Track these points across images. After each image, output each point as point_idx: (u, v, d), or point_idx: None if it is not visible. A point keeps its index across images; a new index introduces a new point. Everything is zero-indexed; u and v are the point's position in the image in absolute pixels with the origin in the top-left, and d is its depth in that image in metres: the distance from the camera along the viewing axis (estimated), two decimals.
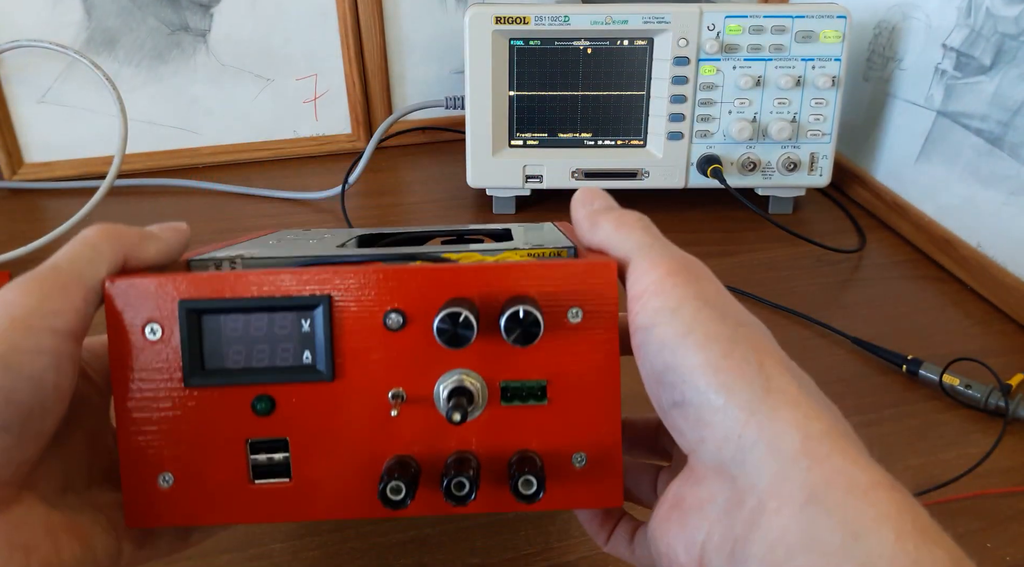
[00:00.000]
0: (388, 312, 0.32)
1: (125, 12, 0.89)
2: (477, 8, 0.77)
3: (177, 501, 0.33)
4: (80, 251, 0.32)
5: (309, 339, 0.32)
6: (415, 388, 0.32)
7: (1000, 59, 0.71)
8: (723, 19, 0.77)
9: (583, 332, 0.32)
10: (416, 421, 0.33)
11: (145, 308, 0.32)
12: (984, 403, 0.59)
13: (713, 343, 0.29)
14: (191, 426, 0.32)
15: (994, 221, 0.73)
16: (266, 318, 0.32)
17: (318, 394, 0.32)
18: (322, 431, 0.33)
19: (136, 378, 0.32)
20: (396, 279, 0.32)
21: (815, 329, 0.69)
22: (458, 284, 0.32)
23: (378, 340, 0.32)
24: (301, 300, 0.32)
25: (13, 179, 0.92)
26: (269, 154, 0.98)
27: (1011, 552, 0.49)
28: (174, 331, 0.32)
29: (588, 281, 0.32)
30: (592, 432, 0.33)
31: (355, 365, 0.32)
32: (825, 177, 0.83)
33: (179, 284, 0.32)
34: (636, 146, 0.82)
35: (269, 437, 0.33)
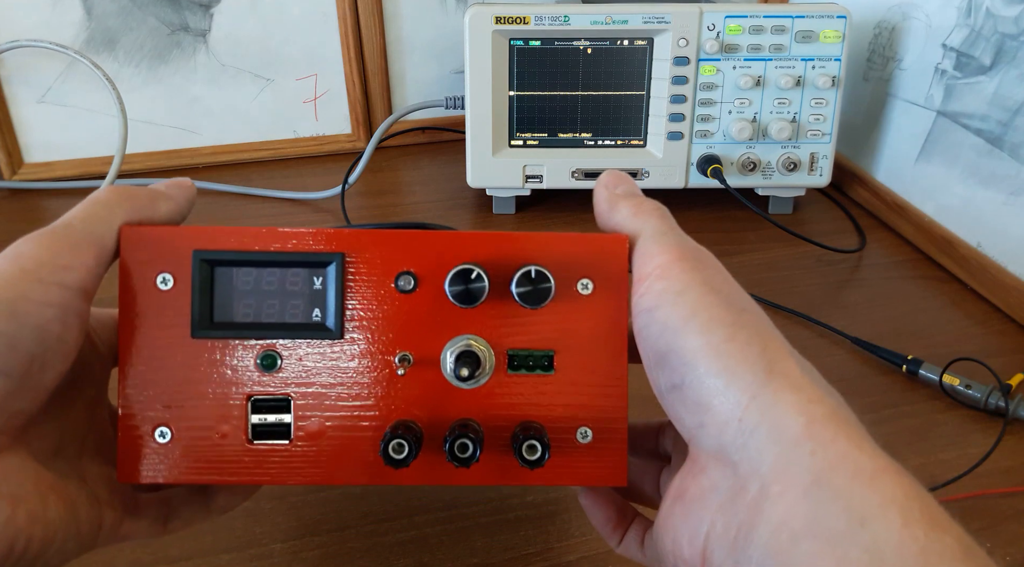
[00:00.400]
0: (400, 274, 0.32)
1: (125, 12, 0.89)
2: (477, 8, 0.77)
3: (171, 458, 0.32)
4: (93, 210, 0.32)
5: (320, 296, 0.32)
6: (422, 352, 0.32)
7: (1000, 59, 0.71)
8: (723, 19, 0.77)
9: (592, 303, 0.32)
10: (422, 386, 0.32)
11: (159, 257, 0.32)
12: (984, 403, 0.59)
13: (716, 327, 0.28)
14: (194, 380, 0.32)
15: (994, 221, 0.73)
16: (278, 273, 0.32)
17: (324, 352, 0.32)
18: (326, 392, 0.32)
19: (143, 327, 0.32)
20: (410, 242, 0.32)
21: (815, 329, 0.69)
22: (471, 249, 0.32)
23: (388, 301, 0.32)
24: (314, 257, 0.32)
25: (13, 179, 0.92)
26: (269, 154, 0.98)
27: (1011, 552, 0.49)
28: (186, 282, 0.32)
29: (599, 253, 0.32)
30: (598, 407, 0.33)
31: (363, 325, 0.32)
32: (825, 177, 0.83)
33: (195, 234, 0.32)
34: (636, 146, 0.82)
35: (272, 395, 0.32)
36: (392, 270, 0.32)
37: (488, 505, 0.52)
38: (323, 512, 0.52)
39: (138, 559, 0.48)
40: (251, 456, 0.33)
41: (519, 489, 0.53)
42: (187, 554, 0.49)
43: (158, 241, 0.32)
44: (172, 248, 0.32)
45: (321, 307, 0.32)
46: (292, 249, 0.32)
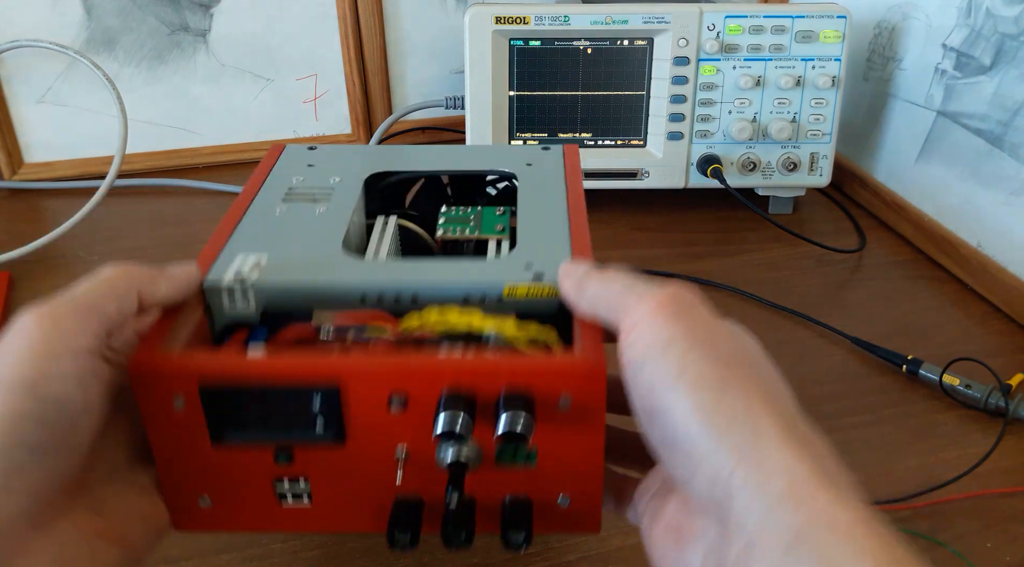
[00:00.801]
0: (392, 396, 0.34)
1: (125, 12, 0.89)
2: (477, 8, 0.77)
3: (216, 515, 0.37)
4: (95, 285, 0.34)
5: (320, 414, 0.34)
6: (417, 449, 0.35)
7: (1000, 59, 0.71)
8: (723, 19, 0.77)
9: (572, 415, 0.34)
10: (420, 470, 0.35)
11: (168, 386, 0.34)
12: (984, 403, 0.59)
13: (704, 388, 0.29)
14: (222, 470, 0.36)
15: (994, 221, 0.73)
16: (280, 398, 0.34)
17: (331, 451, 0.35)
18: (337, 474, 0.36)
19: (167, 436, 0.35)
20: (400, 371, 0.34)
21: (815, 329, 0.69)
22: (458, 379, 0.33)
23: (383, 416, 0.34)
24: (312, 388, 0.34)
25: (13, 179, 0.92)
26: None
27: (1011, 552, 0.49)
28: (196, 405, 0.34)
29: (578, 377, 0.34)
30: (576, 480, 0.36)
31: (362, 433, 0.35)
32: (825, 177, 0.83)
33: (197, 366, 0.33)
34: (636, 146, 0.82)
35: (291, 477, 0.36)
36: (384, 393, 0.34)
37: None
38: None
39: None
40: (280, 513, 0.37)
41: None
42: (187, 554, 0.49)
43: (165, 375, 0.33)
44: (178, 379, 0.34)
45: (323, 421, 0.34)
46: (292, 382, 0.34)
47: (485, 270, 0.39)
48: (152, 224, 0.85)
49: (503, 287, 0.38)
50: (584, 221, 0.43)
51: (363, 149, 0.51)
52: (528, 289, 0.38)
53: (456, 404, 0.33)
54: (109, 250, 0.80)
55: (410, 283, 0.38)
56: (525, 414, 0.33)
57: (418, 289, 0.38)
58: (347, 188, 0.46)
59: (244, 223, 0.43)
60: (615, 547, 0.49)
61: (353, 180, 0.47)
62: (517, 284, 0.38)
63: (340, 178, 0.47)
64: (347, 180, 0.47)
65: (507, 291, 0.38)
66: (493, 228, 0.46)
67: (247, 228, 0.43)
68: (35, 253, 0.76)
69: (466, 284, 0.38)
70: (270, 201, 0.45)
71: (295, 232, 0.42)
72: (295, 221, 0.43)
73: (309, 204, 0.44)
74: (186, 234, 0.83)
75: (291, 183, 0.47)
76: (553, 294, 0.38)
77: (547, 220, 0.43)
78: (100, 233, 0.82)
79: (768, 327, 0.69)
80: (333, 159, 0.49)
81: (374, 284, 0.38)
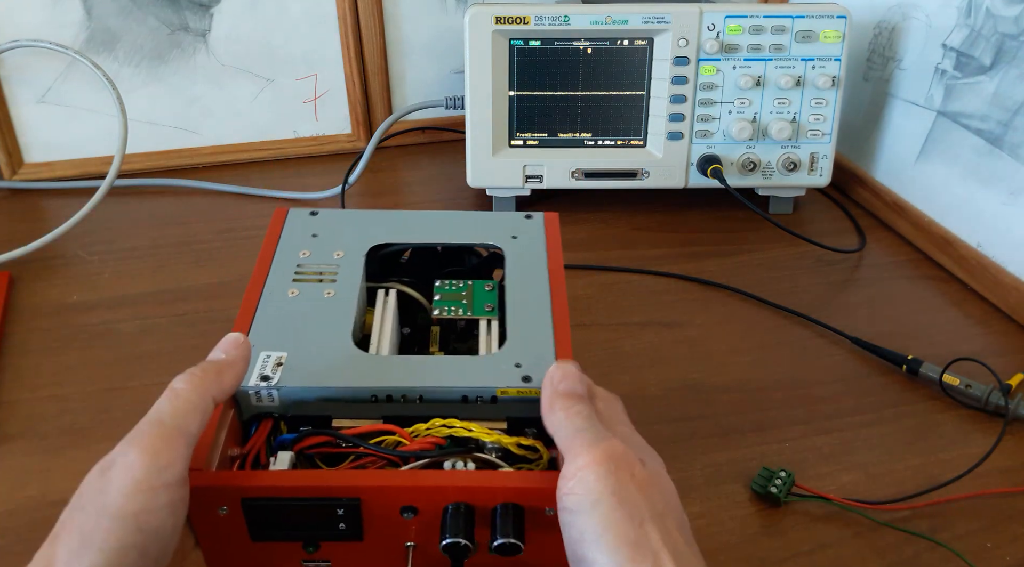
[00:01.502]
0: (403, 509, 0.40)
1: (125, 12, 0.89)
2: (477, 8, 0.77)
3: None
4: (177, 406, 0.38)
5: (342, 519, 0.40)
6: (425, 542, 0.41)
7: (1000, 59, 0.72)
8: (723, 19, 0.77)
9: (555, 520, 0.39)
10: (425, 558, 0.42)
11: (216, 499, 0.40)
12: (984, 403, 0.59)
13: (621, 546, 0.35)
14: (258, 558, 0.42)
15: (994, 221, 0.73)
16: (309, 508, 0.40)
17: (352, 546, 0.42)
18: (356, 560, 0.43)
19: (215, 535, 0.41)
20: (411, 488, 0.40)
21: (815, 329, 0.69)
22: (460, 496, 0.40)
23: (396, 521, 0.41)
24: (337, 501, 0.40)
25: (13, 179, 0.92)
26: (269, 154, 0.98)
27: (1011, 552, 0.49)
28: (238, 513, 0.40)
29: None
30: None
31: (378, 532, 0.41)
32: (825, 177, 0.83)
33: (239, 484, 0.40)
34: (636, 146, 0.82)
35: (316, 560, 0.43)
36: (397, 504, 0.40)
37: None
38: None
39: None
40: None
41: None
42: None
43: (213, 493, 0.39)
44: (225, 493, 0.40)
45: (345, 523, 0.41)
46: (319, 495, 0.40)
47: (480, 371, 0.45)
48: (152, 224, 0.85)
49: (496, 390, 0.44)
50: (564, 302, 0.49)
51: (361, 216, 0.56)
52: (518, 391, 0.44)
53: (458, 520, 0.40)
54: (109, 250, 0.80)
55: (415, 386, 0.44)
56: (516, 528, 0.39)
57: (423, 390, 0.44)
58: (350, 264, 0.51)
59: (262, 307, 0.48)
60: None
61: (355, 254, 0.52)
62: (509, 387, 0.44)
63: (343, 252, 0.52)
64: (349, 254, 0.52)
65: (500, 393, 0.44)
66: (483, 309, 0.51)
67: (266, 314, 0.48)
68: (35, 253, 0.76)
69: (464, 387, 0.44)
70: (283, 279, 0.50)
71: (311, 322, 0.47)
72: (309, 307, 0.48)
73: (317, 284, 0.50)
74: (186, 234, 0.83)
75: (298, 259, 0.52)
76: (539, 395, 0.43)
77: (532, 309, 0.48)
78: (100, 233, 0.82)
79: (768, 327, 0.69)
80: (335, 228, 0.54)
81: (384, 386, 0.44)
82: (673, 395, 0.61)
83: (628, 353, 0.66)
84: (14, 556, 0.49)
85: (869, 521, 0.51)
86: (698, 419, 0.59)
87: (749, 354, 0.66)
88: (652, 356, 0.66)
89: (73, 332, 0.69)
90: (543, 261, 0.52)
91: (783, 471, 0.53)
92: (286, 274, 0.50)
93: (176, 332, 0.68)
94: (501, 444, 0.43)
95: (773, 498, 0.52)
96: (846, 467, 0.55)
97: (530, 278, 0.51)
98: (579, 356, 0.65)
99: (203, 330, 0.68)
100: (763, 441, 0.57)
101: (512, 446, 0.43)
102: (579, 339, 0.67)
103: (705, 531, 0.51)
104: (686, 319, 0.70)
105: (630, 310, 0.71)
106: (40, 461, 0.56)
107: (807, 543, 0.50)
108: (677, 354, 0.66)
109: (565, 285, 0.50)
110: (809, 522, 0.51)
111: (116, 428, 0.58)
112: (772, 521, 0.51)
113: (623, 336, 0.68)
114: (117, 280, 0.75)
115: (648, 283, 0.75)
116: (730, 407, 0.60)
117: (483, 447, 0.43)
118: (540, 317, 0.48)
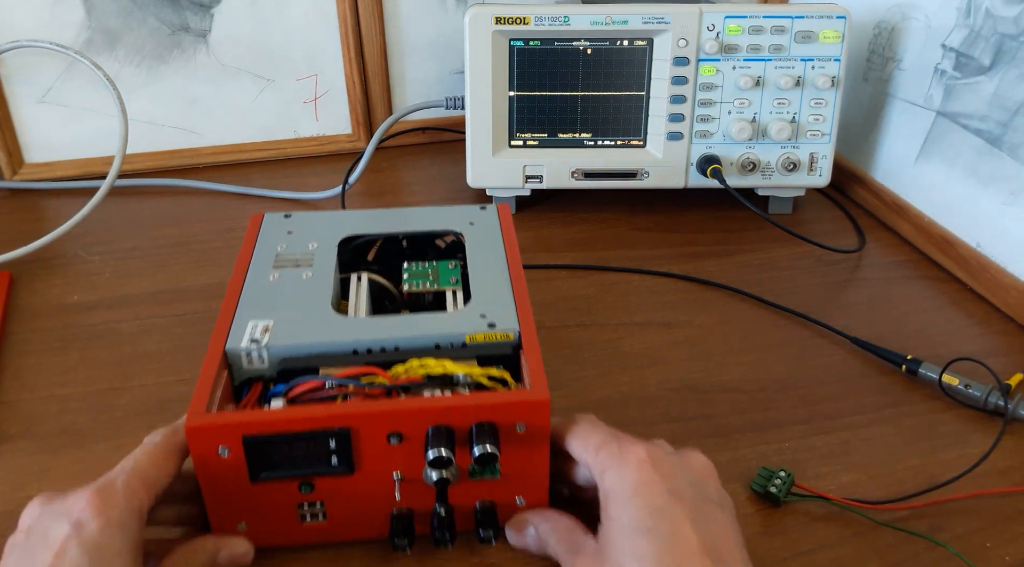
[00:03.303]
0: (390, 435, 0.44)
1: (125, 12, 0.89)
2: (477, 8, 0.77)
3: (251, 535, 0.47)
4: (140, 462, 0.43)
5: (335, 452, 0.44)
6: (410, 472, 0.46)
7: (1000, 59, 0.72)
8: (723, 19, 0.77)
9: (525, 437, 0.45)
10: (412, 488, 0.46)
11: (217, 439, 0.43)
12: (984, 403, 0.59)
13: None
14: (256, 501, 0.46)
15: (994, 221, 0.73)
16: (304, 441, 0.44)
17: (343, 480, 0.45)
18: (347, 497, 0.46)
19: (213, 478, 0.44)
20: (396, 414, 0.44)
21: (815, 329, 0.69)
22: (441, 417, 0.44)
23: (383, 449, 0.44)
24: (329, 432, 0.43)
25: (14, 179, 0.92)
26: (269, 154, 0.98)
27: (1011, 552, 0.49)
28: (239, 452, 0.43)
29: (529, 409, 0.44)
30: (529, 485, 0.48)
31: (367, 463, 0.45)
32: (825, 177, 0.83)
33: (240, 423, 0.43)
34: (636, 146, 0.82)
35: (311, 501, 0.46)
36: (384, 432, 0.44)
37: None
38: None
39: None
40: (301, 529, 0.47)
41: None
42: None
43: (215, 431, 0.43)
44: (226, 434, 0.43)
45: (337, 457, 0.44)
46: (313, 428, 0.43)
47: (449, 323, 0.49)
48: (152, 224, 0.85)
49: (465, 336, 0.48)
50: (521, 273, 0.54)
51: (331, 215, 0.60)
52: (485, 336, 0.48)
53: (440, 437, 0.43)
54: (109, 250, 0.80)
55: (392, 337, 0.48)
56: (492, 440, 0.43)
57: (398, 342, 0.48)
58: (324, 252, 0.56)
59: (247, 290, 0.52)
60: None
61: (328, 245, 0.57)
62: (476, 333, 0.48)
63: (317, 243, 0.57)
64: (323, 245, 0.57)
65: (468, 339, 0.48)
66: (448, 281, 0.56)
67: (250, 294, 0.52)
68: (36, 253, 0.76)
69: (436, 336, 0.48)
70: (263, 267, 0.54)
71: (291, 297, 0.51)
72: (288, 286, 0.52)
73: (295, 269, 0.54)
74: (186, 234, 0.83)
75: (277, 250, 0.56)
76: (505, 338, 0.48)
77: (492, 274, 0.53)
78: (100, 233, 0.82)
79: (768, 327, 0.69)
80: (307, 226, 0.59)
81: (363, 340, 0.48)
82: (673, 395, 0.61)
83: (628, 353, 0.66)
84: None
85: (869, 521, 0.51)
86: (698, 419, 0.59)
87: (749, 354, 0.66)
88: (652, 356, 0.66)
89: (73, 332, 0.69)
90: (499, 240, 0.57)
91: (783, 471, 0.53)
92: (266, 262, 0.55)
93: (176, 332, 0.68)
94: (473, 377, 0.47)
95: (773, 498, 0.52)
96: (846, 467, 0.55)
97: (489, 254, 0.56)
98: (579, 356, 0.65)
99: (203, 330, 0.68)
100: (763, 441, 0.57)
101: (483, 378, 0.47)
102: (579, 339, 0.67)
103: None
104: (686, 319, 0.70)
105: (630, 310, 0.71)
106: (40, 461, 0.56)
107: (807, 543, 0.50)
108: (677, 354, 0.66)
109: (520, 260, 0.55)
110: (809, 522, 0.51)
111: (116, 428, 0.59)
112: (772, 521, 0.51)
113: (623, 336, 0.68)
114: (117, 280, 0.75)
115: (648, 283, 0.75)
116: (730, 407, 0.60)
117: (457, 382, 0.47)
118: (500, 282, 0.53)
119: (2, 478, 0.55)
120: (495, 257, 0.56)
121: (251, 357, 0.47)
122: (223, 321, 0.49)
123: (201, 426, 0.42)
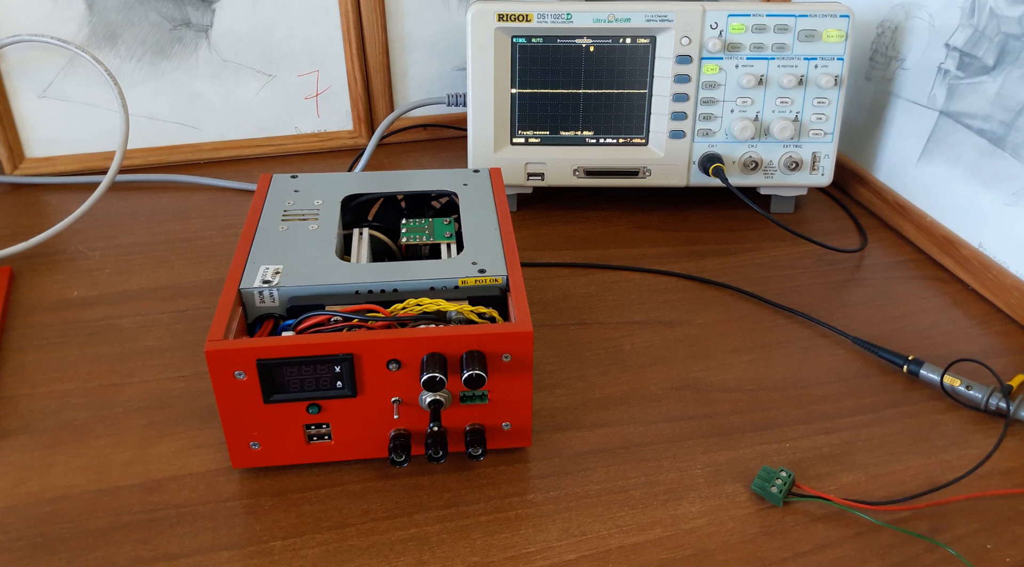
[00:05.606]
0: (389, 361, 0.49)
1: (127, 7, 0.89)
2: (479, 5, 0.77)
3: (263, 455, 0.53)
4: None
5: (340, 376, 0.49)
6: (407, 397, 0.51)
7: (1003, 59, 0.71)
8: (726, 18, 0.77)
9: (510, 366, 0.51)
10: (408, 410, 0.52)
11: (234, 363, 0.48)
12: (985, 404, 0.59)
13: None
14: (268, 421, 0.51)
15: (996, 221, 0.73)
16: (312, 365, 0.49)
17: (348, 403, 0.51)
18: (351, 419, 0.52)
19: (232, 399, 0.50)
20: (395, 342, 0.49)
21: (816, 329, 0.69)
22: (434, 345, 0.49)
23: (383, 374, 0.50)
24: (335, 357, 0.49)
25: (14, 174, 0.92)
26: (271, 150, 0.98)
27: (1012, 554, 0.49)
28: (253, 375, 0.49)
29: (514, 340, 0.49)
30: (514, 412, 0.53)
31: (369, 387, 0.50)
32: (827, 176, 0.83)
33: (255, 348, 0.48)
34: (638, 144, 0.82)
35: (318, 423, 0.52)
36: (384, 358, 0.49)
37: (488, 504, 0.52)
38: (323, 509, 0.52)
39: (139, 556, 0.48)
40: (309, 449, 0.53)
41: (519, 488, 0.53)
42: (187, 551, 0.49)
43: (232, 356, 0.48)
44: (242, 358, 0.48)
45: (342, 380, 0.50)
46: (320, 352, 0.48)
47: (443, 268, 0.55)
48: (153, 219, 0.85)
49: (457, 280, 0.53)
50: (510, 227, 0.59)
51: (335, 176, 0.66)
52: (476, 280, 0.54)
53: (434, 363, 0.48)
54: (110, 245, 0.80)
55: (391, 280, 0.53)
56: (480, 365, 0.48)
57: (397, 284, 0.53)
58: (329, 208, 0.62)
59: (258, 238, 0.58)
60: (615, 546, 0.49)
61: (332, 202, 0.62)
62: (468, 277, 0.54)
63: (322, 201, 0.63)
64: (328, 202, 0.62)
65: (460, 282, 0.54)
66: (443, 235, 0.61)
67: (262, 242, 0.57)
68: (36, 248, 0.76)
69: (431, 279, 0.54)
70: (273, 220, 0.60)
71: (300, 245, 0.57)
72: (297, 236, 0.58)
73: (303, 222, 0.60)
74: (187, 229, 0.83)
75: (285, 206, 0.62)
76: (494, 282, 0.54)
77: (484, 228, 0.59)
78: (101, 228, 0.82)
79: (769, 327, 0.69)
80: (314, 186, 0.65)
81: (365, 282, 0.53)
82: (673, 394, 0.61)
83: (629, 352, 0.66)
84: (14, 552, 0.49)
85: (869, 522, 0.51)
86: (698, 418, 0.59)
87: (750, 354, 0.66)
88: (653, 355, 0.66)
89: (74, 328, 0.69)
90: (490, 200, 0.63)
91: (783, 471, 0.53)
92: (276, 216, 0.61)
93: (177, 328, 0.68)
94: (463, 313, 0.52)
95: (773, 498, 0.52)
96: (846, 467, 0.55)
97: (481, 211, 0.61)
98: (580, 355, 0.65)
99: (204, 326, 0.68)
100: (763, 441, 0.57)
101: (473, 315, 0.53)
102: (580, 338, 0.67)
103: (705, 531, 0.51)
104: (687, 318, 0.70)
105: (631, 309, 0.71)
106: (40, 457, 0.56)
107: (807, 543, 0.50)
108: (678, 353, 0.66)
109: (510, 218, 0.61)
110: (809, 522, 0.51)
111: (116, 424, 0.59)
112: (772, 521, 0.51)
113: (624, 335, 0.68)
114: (118, 276, 0.75)
115: (649, 282, 0.75)
116: (730, 407, 0.60)
117: (450, 318, 0.52)
118: (491, 235, 0.58)
119: (2, 473, 0.55)
120: (487, 213, 0.61)
121: (263, 296, 0.53)
122: (237, 265, 0.54)
123: (220, 350, 0.47)
